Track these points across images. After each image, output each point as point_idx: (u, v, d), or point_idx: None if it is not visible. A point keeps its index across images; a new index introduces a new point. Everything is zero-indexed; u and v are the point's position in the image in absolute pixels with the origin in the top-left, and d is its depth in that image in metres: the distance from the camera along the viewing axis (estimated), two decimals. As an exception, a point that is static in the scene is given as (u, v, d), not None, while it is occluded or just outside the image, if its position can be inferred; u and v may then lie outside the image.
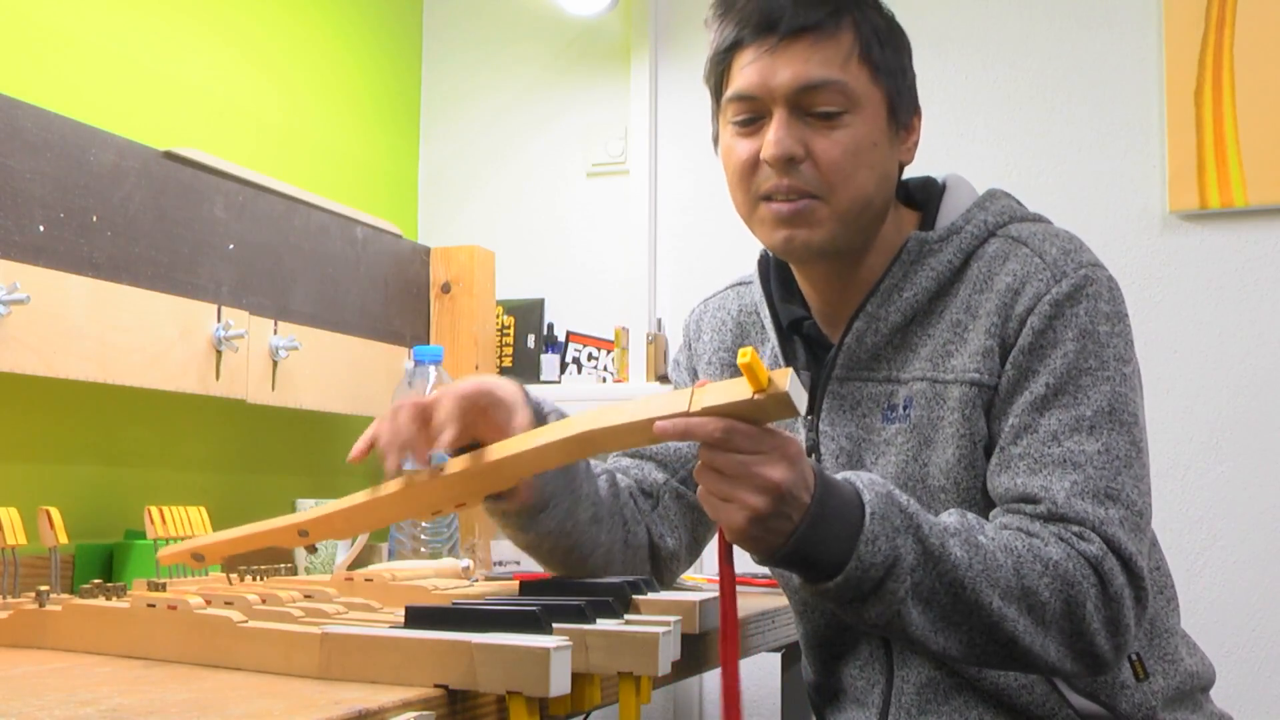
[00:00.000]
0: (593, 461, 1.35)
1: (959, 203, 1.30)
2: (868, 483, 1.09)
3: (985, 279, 1.24)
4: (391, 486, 1.15)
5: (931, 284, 1.25)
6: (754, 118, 1.23)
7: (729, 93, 1.24)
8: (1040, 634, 1.11)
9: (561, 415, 1.24)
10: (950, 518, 1.13)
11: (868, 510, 1.06)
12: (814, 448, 1.31)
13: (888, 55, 1.24)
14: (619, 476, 1.40)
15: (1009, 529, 1.14)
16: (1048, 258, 1.22)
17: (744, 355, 0.96)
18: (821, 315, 1.33)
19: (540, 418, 1.22)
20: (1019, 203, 1.34)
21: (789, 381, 0.97)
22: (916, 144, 1.31)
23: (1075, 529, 1.14)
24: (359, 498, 1.17)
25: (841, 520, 1.05)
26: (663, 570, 1.42)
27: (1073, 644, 1.12)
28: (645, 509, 1.40)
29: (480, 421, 1.17)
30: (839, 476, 1.10)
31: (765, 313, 1.36)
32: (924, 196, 1.33)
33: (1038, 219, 1.31)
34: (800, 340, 1.34)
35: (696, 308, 1.50)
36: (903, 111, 1.27)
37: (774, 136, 1.20)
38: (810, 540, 1.04)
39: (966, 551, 1.09)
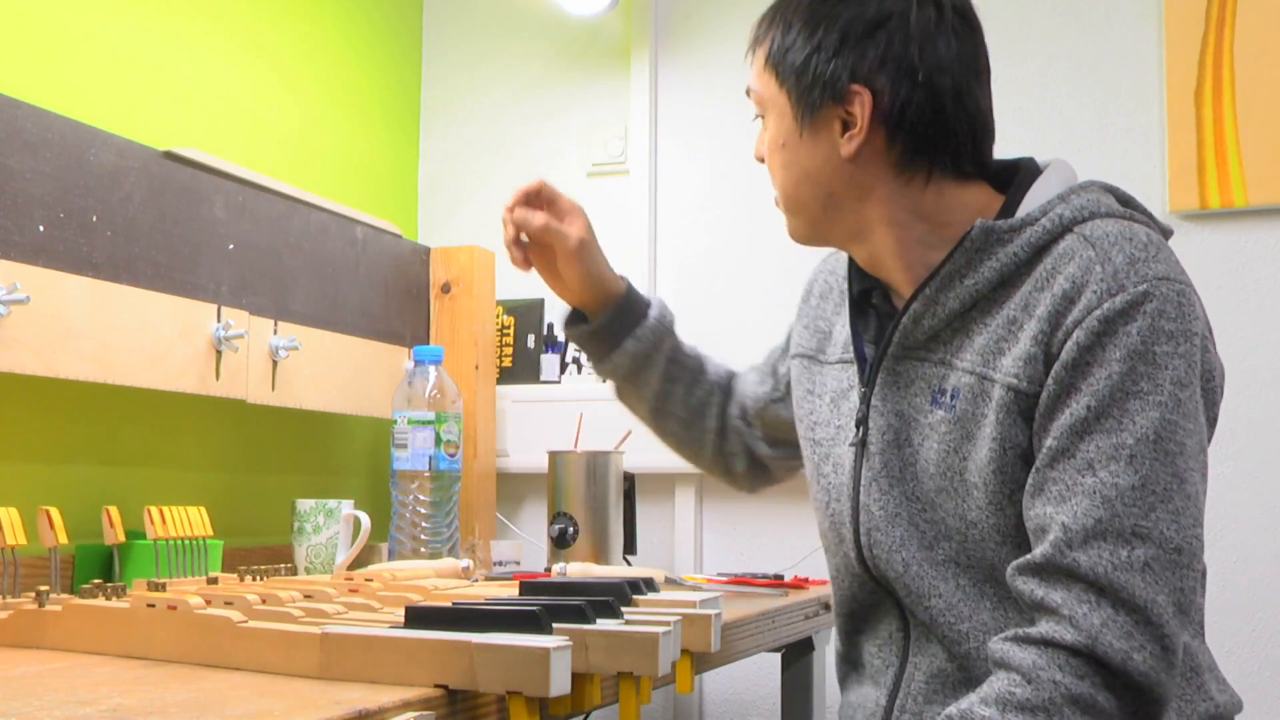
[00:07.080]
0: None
1: (1045, 191, 1.23)
2: None
3: (1048, 278, 1.17)
4: None
5: (994, 275, 1.20)
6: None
7: None
8: None
9: (661, 308, 1.57)
10: None
11: None
12: (863, 420, 1.29)
13: (792, 55, 1.25)
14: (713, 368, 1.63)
15: None
16: (1109, 266, 1.14)
17: None
18: (889, 289, 1.32)
19: (632, 296, 1.58)
20: (1118, 197, 1.25)
21: None
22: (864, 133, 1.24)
23: (1050, 627, 1.08)
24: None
25: None
26: (745, 474, 1.63)
27: None
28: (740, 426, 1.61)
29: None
30: None
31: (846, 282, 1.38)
32: (1021, 179, 1.27)
33: (1126, 216, 1.21)
34: (874, 311, 1.33)
35: (818, 265, 1.50)
36: (808, 108, 1.25)
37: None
38: None
39: None
